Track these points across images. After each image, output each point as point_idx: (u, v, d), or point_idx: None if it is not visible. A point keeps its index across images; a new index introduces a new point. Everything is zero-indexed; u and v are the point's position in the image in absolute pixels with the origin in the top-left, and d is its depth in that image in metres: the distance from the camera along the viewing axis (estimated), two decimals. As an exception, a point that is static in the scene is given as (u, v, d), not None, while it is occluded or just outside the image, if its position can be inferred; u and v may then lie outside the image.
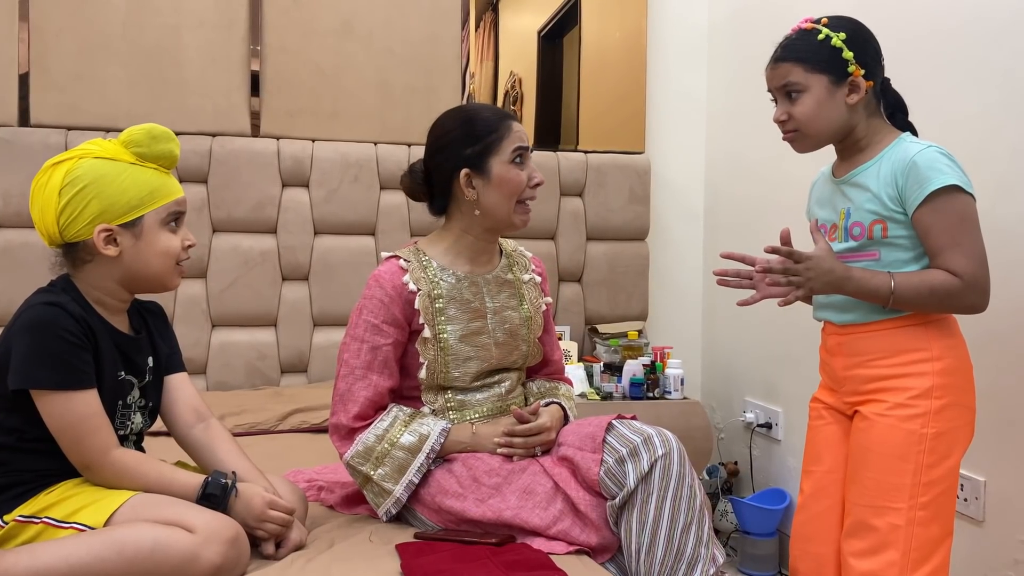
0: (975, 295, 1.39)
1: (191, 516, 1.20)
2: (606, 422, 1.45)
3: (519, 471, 1.45)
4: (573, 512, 1.39)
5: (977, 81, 1.85)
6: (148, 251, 1.31)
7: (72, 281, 1.32)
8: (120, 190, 1.28)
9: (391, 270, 1.54)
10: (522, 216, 1.58)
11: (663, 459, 1.36)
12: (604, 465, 1.38)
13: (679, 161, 3.11)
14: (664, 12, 3.07)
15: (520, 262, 1.70)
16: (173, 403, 1.42)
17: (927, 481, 1.39)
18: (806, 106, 1.46)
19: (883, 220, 1.43)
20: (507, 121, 1.55)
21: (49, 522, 1.21)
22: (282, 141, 2.70)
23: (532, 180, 1.56)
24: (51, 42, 2.55)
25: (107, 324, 1.32)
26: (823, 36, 1.45)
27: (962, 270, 1.37)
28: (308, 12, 2.74)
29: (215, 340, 2.62)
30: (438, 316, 1.53)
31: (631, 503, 1.36)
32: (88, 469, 1.26)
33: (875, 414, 1.44)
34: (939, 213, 1.38)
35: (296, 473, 1.82)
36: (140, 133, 1.31)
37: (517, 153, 1.54)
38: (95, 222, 1.27)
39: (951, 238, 1.37)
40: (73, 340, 1.24)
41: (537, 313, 1.66)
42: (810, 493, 1.58)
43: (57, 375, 1.22)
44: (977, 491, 1.84)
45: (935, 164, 1.38)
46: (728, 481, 2.82)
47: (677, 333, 3.07)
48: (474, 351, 1.56)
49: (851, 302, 1.47)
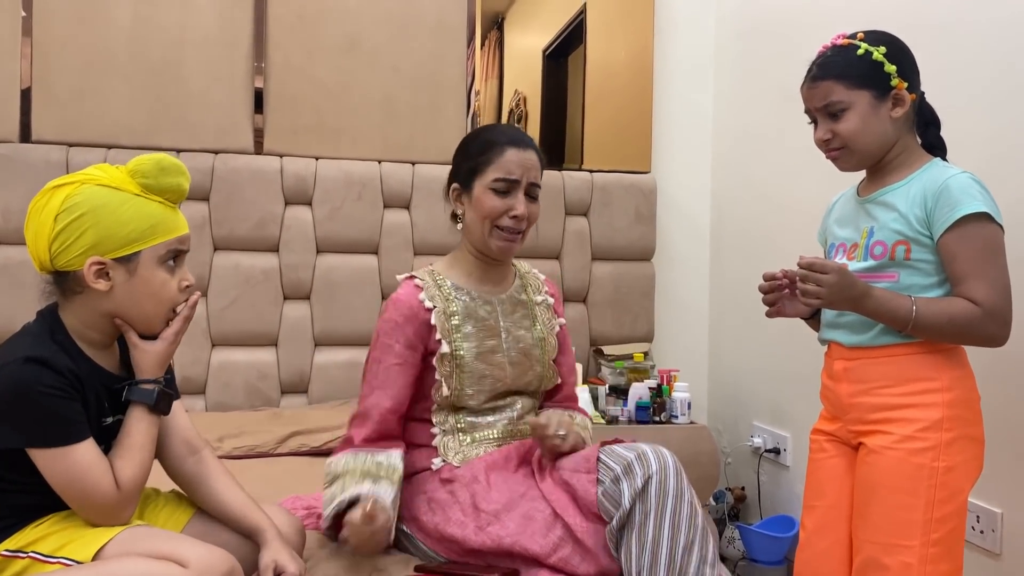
0: (995, 326, 1.35)
1: (184, 550, 1.15)
2: (599, 445, 1.42)
3: (519, 497, 1.41)
4: (573, 540, 1.35)
5: (992, 102, 1.82)
6: (141, 290, 1.25)
7: (58, 314, 1.26)
8: (119, 222, 1.21)
9: (407, 291, 1.55)
10: (499, 243, 1.54)
11: (657, 474, 1.30)
12: (601, 486, 1.34)
13: (685, 181, 3.08)
14: (671, 31, 3.06)
15: (534, 284, 1.69)
16: (165, 436, 1.37)
17: (939, 517, 1.35)
18: (851, 123, 1.42)
19: (907, 241, 1.40)
20: (502, 147, 1.52)
21: (36, 557, 1.16)
22: (285, 159, 2.68)
23: (512, 211, 1.51)
24: (54, 58, 2.53)
25: (94, 367, 1.26)
26: (863, 51, 1.42)
27: (983, 299, 1.33)
28: (313, 29, 2.73)
29: (215, 359, 2.59)
30: (454, 333, 1.52)
31: (630, 524, 1.31)
32: (101, 517, 1.21)
33: (882, 446, 1.40)
34: (966, 240, 1.34)
35: (295, 500, 1.78)
36: (149, 164, 1.24)
37: (500, 183, 1.51)
38: (88, 253, 1.21)
39: (976, 266, 1.34)
40: (60, 394, 1.17)
41: (550, 334, 1.64)
42: (813, 529, 1.53)
43: (51, 433, 1.17)
44: (993, 523, 1.79)
45: (968, 190, 1.35)
46: (735, 507, 2.77)
47: (683, 355, 3.03)
48: (489, 369, 1.54)
49: (864, 323, 1.43)
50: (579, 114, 2.99)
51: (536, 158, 1.55)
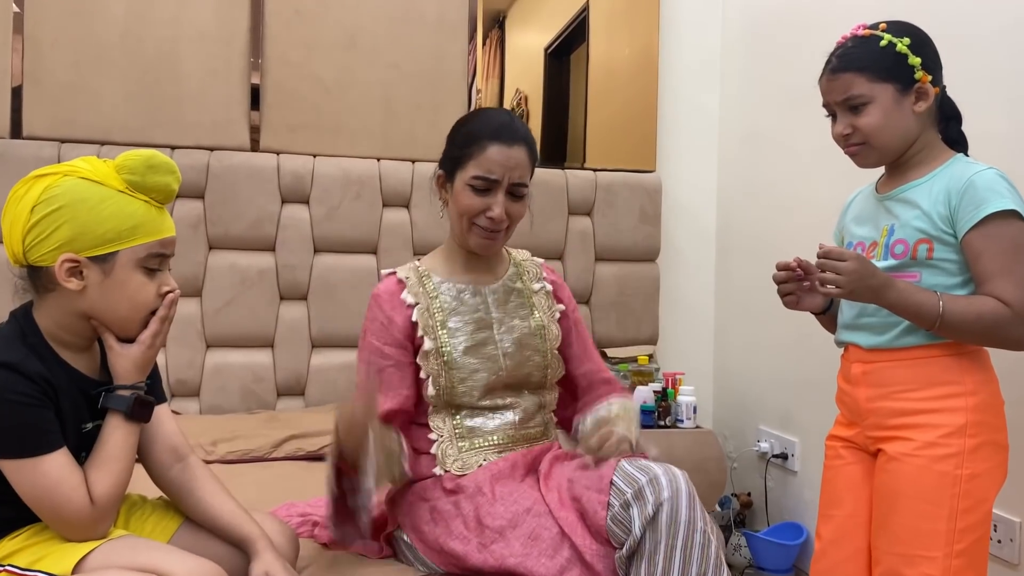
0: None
1: (171, 562, 1.09)
2: (616, 462, 1.34)
3: (524, 512, 1.34)
4: (581, 562, 1.28)
5: (1010, 97, 1.76)
6: (115, 292, 1.17)
7: (32, 314, 1.19)
8: (97, 219, 1.14)
9: (388, 288, 1.50)
10: (477, 240, 1.47)
11: (668, 503, 1.23)
12: (611, 510, 1.27)
13: (691, 180, 3.03)
14: (676, 29, 3.00)
15: (531, 271, 1.61)
16: (150, 442, 1.31)
17: (963, 527, 1.30)
18: (874, 117, 1.37)
19: (930, 240, 1.34)
20: (485, 142, 1.42)
21: (12, 570, 1.10)
22: (282, 156, 2.63)
23: (488, 211, 1.44)
24: (46, 53, 2.48)
25: (71, 371, 1.19)
26: (886, 43, 1.36)
27: (1013, 299, 1.27)
28: (311, 25, 2.67)
29: (209, 361, 2.53)
30: (439, 329, 1.47)
31: (639, 553, 1.24)
32: (73, 532, 1.14)
33: (903, 454, 1.34)
34: (992, 238, 1.28)
35: (289, 506, 1.72)
36: (137, 160, 1.18)
37: (478, 181, 1.43)
38: (62, 249, 1.14)
39: (1003, 265, 1.28)
40: (29, 402, 1.11)
41: (552, 322, 1.57)
42: (830, 539, 1.47)
43: (19, 442, 1.10)
44: (1012, 532, 1.73)
45: (994, 186, 1.29)
46: (741, 513, 2.71)
47: (688, 358, 2.97)
48: (481, 363, 1.48)
49: (885, 324, 1.37)
50: (581, 113, 2.95)
51: (525, 154, 1.45)
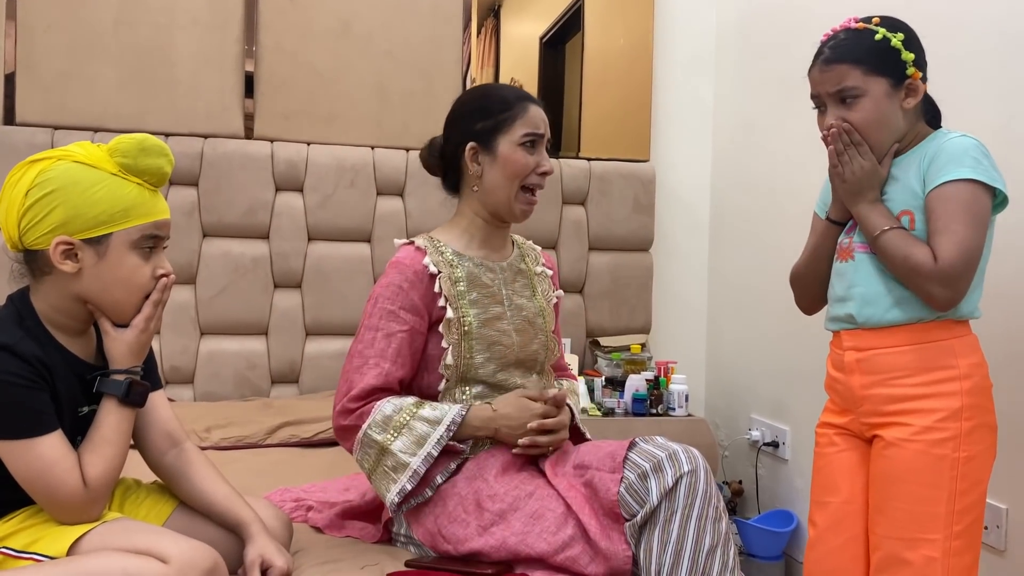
0: (940, 287, 1.29)
1: (165, 544, 1.10)
2: (628, 441, 1.37)
3: (526, 497, 1.35)
4: (584, 539, 1.30)
5: (1000, 92, 1.77)
6: (110, 275, 1.18)
7: (29, 298, 1.20)
8: (90, 201, 1.15)
9: (410, 254, 1.49)
10: (523, 205, 1.52)
11: (689, 475, 1.26)
12: (625, 482, 1.29)
13: (685, 170, 3.03)
14: (671, 19, 3.00)
15: (531, 255, 1.66)
16: (146, 427, 1.31)
17: (961, 508, 1.32)
18: (866, 111, 1.37)
19: (911, 212, 1.36)
20: (524, 103, 1.50)
21: (7, 552, 1.11)
22: (276, 144, 2.62)
23: (540, 167, 1.51)
24: (39, 39, 2.47)
25: (67, 354, 1.20)
26: (880, 37, 1.36)
27: (941, 256, 1.29)
28: (305, 12, 2.66)
29: (203, 349, 2.54)
30: (460, 299, 1.47)
31: (653, 521, 1.26)
32: (66, 514, 1.14)
33: (900, 439, 1.35)
34: (944, 200, 1.31)
35: (283, 492, 1.73)
36: (130, 143, 1.19)
37: (528, 138, 1.49)
38: (56, 232, 1.15)
39: (946, 224, 1.30)
40: (24, 383, 1.11)
41: (549, 306, 1.62)
42: (826, 526, 1.48)
43: (14, 423, 1.11)
44: (999, 519, 1.75)
45: (964, 155, 1.31)
46: (732, 501, 2.73)
47: (681, 347, 2.98)
48: (497, 336, 1.49)
49: (877, 294, 1.38)
50: (576, 102, 2.94)
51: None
